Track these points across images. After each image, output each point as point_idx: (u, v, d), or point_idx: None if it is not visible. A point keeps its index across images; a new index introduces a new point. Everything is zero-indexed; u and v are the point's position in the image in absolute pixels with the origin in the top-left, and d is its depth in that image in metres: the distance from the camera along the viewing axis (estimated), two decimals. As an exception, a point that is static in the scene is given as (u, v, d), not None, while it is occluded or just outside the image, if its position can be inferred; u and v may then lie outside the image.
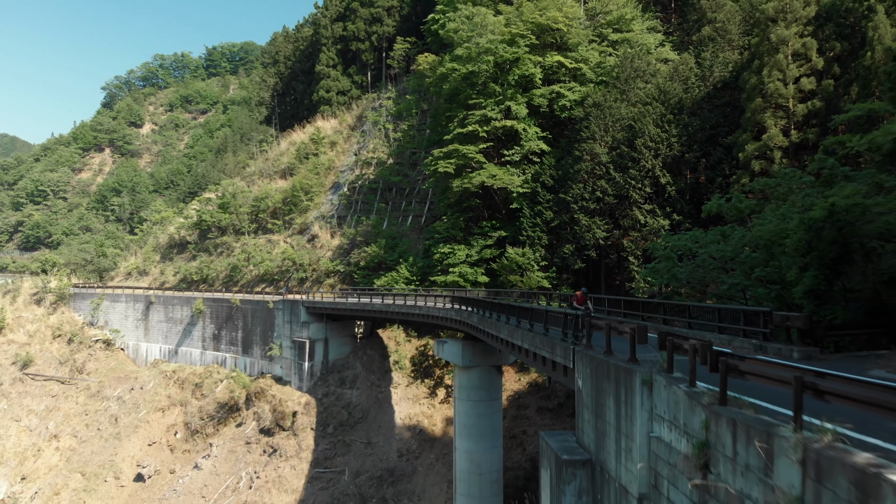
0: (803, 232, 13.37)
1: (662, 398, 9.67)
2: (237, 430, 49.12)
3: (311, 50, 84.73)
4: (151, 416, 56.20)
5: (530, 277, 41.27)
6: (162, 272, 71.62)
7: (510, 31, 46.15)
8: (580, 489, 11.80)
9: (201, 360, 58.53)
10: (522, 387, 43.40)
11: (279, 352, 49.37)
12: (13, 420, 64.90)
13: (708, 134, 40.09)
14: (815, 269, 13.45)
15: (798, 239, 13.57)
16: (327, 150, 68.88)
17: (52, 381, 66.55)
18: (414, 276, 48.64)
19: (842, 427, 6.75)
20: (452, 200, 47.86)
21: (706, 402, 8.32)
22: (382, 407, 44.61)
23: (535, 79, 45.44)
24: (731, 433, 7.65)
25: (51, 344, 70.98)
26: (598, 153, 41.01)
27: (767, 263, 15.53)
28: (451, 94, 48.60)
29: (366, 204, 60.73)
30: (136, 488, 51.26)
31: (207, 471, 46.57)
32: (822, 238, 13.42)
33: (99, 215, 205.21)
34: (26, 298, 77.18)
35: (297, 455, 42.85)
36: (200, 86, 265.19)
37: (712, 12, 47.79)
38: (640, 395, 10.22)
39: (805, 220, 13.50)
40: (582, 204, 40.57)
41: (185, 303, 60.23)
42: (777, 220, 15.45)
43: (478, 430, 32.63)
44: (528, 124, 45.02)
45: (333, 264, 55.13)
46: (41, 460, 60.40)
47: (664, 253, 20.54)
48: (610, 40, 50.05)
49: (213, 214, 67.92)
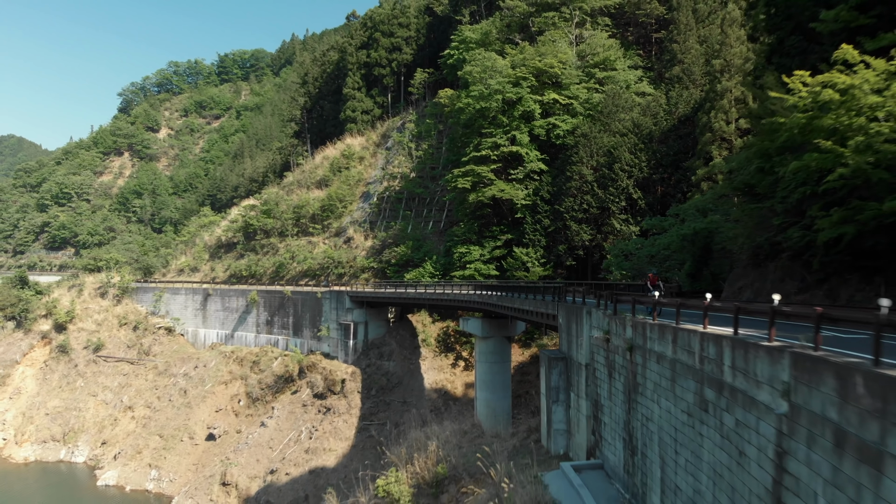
0: (684, 241, 24.38)
1: (593, 317, 20.75)
2: (293, 397, 60.37)
3: (337, 73, 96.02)
4: (216, 388, 67.39)
5: (532, 272, 52.55)
6: (212, 269, 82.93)
7: (515, 73, 57.42)
8: (559, 370, 22.90)
9: (255, 342, 69.76)
10: (526, 359, 54.70)
11: (327, 332, 60.57)
12: (90, 395, 76.08)
13: (672, 159, 51.28)
14: (690, 261, 24.50)
15: (682, 245, 24.61)
16: (356, 164, 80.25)
17: (122, 362, 77.80)
18: (437, 272, 59.92)
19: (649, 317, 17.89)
20: (468, 210, 59.05)
21: (608, 315, 19.49)
22: (414, 375, 55.89)
23: (535, 113, 56.70)
24: (616, 324, 18.76)
25: (118, 331, 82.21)
26: (584, 174, 52.24)
27: (670, 258, 26.43)
28: (467, 123, 59.84)
29: (393, 211, 72.06)
30: (209, 445, 62.46)
31: (272, 427, 57.80)
32: (695, 244, 24.50)
33: (121, 216, 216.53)
34: (91, 292, 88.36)
35: (348, 412, 54.12)
36: (213, 92, 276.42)
37: (682, 54, 59.02)
38: (585, 318, 21.30)
39: (686, 234, 24.54)
40: (572, 214, 51.79)
41: (240, 294, 71.46)
42: (675, 233, 26.44)
43: (493, 384, 43.86)
44: (529, 149, 56.26)
45: (368, 262, 66.47)
46: (118, 428, 71.60)
47: (614, 252, 31.69)
48: (597, 78, 61.25)
49: (258, 219, 79.26)
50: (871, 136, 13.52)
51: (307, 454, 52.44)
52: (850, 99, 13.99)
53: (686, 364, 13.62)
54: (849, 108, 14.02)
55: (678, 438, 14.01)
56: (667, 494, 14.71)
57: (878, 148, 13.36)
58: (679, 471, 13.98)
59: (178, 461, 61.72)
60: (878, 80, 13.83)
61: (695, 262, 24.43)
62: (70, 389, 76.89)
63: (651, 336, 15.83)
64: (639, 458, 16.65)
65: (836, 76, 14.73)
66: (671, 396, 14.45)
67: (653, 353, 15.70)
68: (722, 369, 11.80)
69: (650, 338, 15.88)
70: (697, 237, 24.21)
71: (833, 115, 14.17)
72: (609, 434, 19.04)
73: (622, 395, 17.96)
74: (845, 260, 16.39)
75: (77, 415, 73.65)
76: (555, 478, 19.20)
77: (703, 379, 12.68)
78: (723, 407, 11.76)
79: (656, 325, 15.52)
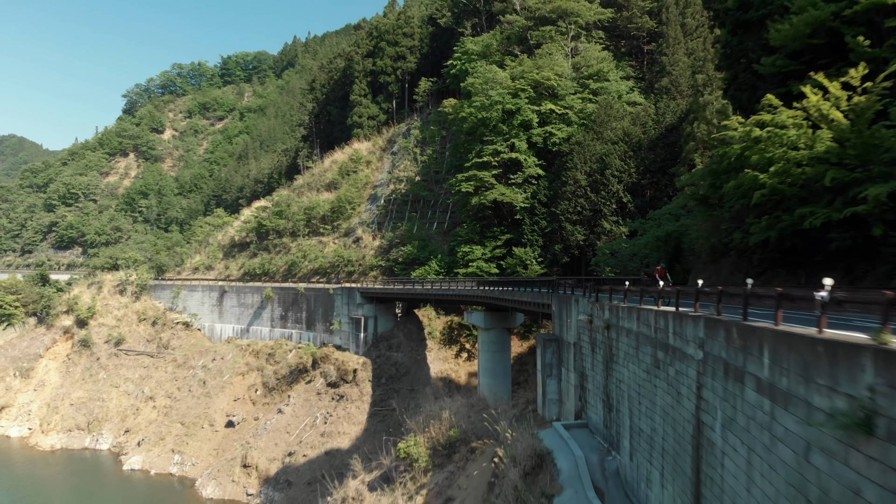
0: (659, 241, 28.79)
1: (580, 304, 25.17)
2: (308, 386, 64.74)
3: (344, 79, 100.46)
4: (233, 378, 71.75)
5: (530, 269, 56.95)
6: (226, 267, 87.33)
7: (514, 85, 61.84)
8: (553, 350, 27.29)
9: (270, 335, 74.13)
10: (524, 350, 59.15)
11: (339, 326, 64.94)
12: (112, 386, 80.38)
13: (659, 165, 55.69)
14: (664, 258, 28.91)
15: (657, 244, 29.03)
16: (364, 167, 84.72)
17: (142, 355, 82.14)
18: (442, 269, 64.35)
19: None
20: (471, 212, 63.44)
21: (591, 301, 23.90)
22: (420, 365, 60.30)
23: (532, 122, 61.12)
24: (597, 308, 23.12)
25: (137, 326, 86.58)
26: (579, 179, 56.65)
27: (648, 255, 30.80)
28: (469, 131, 64.22)
29: (399, 212, 76.46)
30: (229, 432, 66.82)
31: (289, 414, 62.19)
32: (668, 244, 28.91)
33: (128, 216, 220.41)
34: (110, 289, 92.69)
35: (360, 399, 58.53)
36: (217, 93, 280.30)
37: (670, 66, 63.48)
38: (573, 305, 25.72)
39: (660, 236, 28.94)
40: (567, 216, 56.20)
41: (255, 291, 75.82)
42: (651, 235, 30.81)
43: (494, 371, 48.28)
44: (527, 156, 60.67)
45: (376, 260, 70.89)
46: (140, 417, 75.92)
47: (602, 251, 36.16)
48: (591, 89, 65.66)
49: (271, 220, 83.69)
50: (786, 163, 18.04)
51: (322, 437, 56.82)
52: (773, 135, 18.50)
53: (646, 335, 18.03)
54: (773, 142, 18.54)
55: (640, 392, 18.43)
56: (633, 437, 19.12)
57: (791, 172, 17.87)
58: (642, 417, 18.39)
59: (200, 446, 66.04)
60: (792, 121, 18.34)
61: (668, 259, 28.83)
62: (93, 381, 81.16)
63: (622, 316, 20.25)
64: (614, 413, 21.07)
65: (764, 116, 19.28)
66: (636, 361, 18.86)
67: (623, 329, 20.11)
68: (668, 336, 16.21)
69: (622, 317, 20.30)
70: (670, 238, 28.61)
71: (758, 148, 18.67)
72: (592, 398, 23.48)
73: (602, 365, 22.39)
74: (776, 257, 20.86)
75: (100, 405, 77.94)
76: (548, 434, 23.67)
77: (657, 344, 17.10)
78: (668, 363, 16.19)
79: (626, 308, 19.94)
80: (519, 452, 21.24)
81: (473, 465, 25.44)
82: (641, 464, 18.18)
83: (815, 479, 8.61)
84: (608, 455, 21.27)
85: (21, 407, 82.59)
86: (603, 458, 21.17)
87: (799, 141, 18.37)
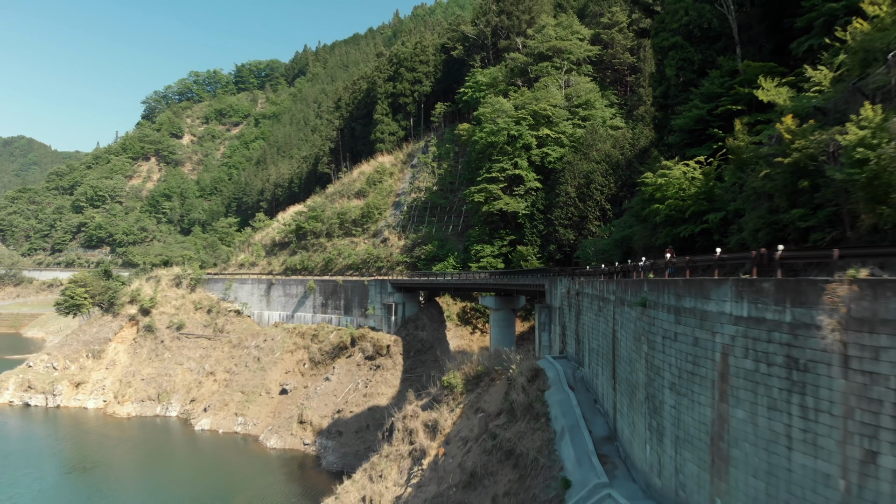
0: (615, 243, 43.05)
1: (563, 282, 39.31)
2: (348, 360, 79.06)
3: (367, 99, 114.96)
4: (283, 355, 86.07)
5: (531, 264, 71.25)
6: (269, 263, 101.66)
7: (517, 114, 76.19)
8: (546, 313, 41.43)
9: (312, 320, 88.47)
10: (525, 329, 73.55)
11: (373, 311, 79.26)
12: (177, 364, 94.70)
13: (633, 181, 69.92)
14: (620, 256, 43.19)
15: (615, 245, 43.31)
16: (388, 178, 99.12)
17: (201, 338, 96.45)
18: (458, 264, 78.71)
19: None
20: (481, 217, 77.77)
21: (570, 280, 38.13)
22: (441, 341, 74.62)
23: (532, 144, 75.48)
24: (573, 283, 37.31)
25: (194, 314, 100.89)
26: (569, 192, 70.89)
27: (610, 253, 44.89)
28: (481, 151, 78.55)
29: (420, 217, 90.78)
30: (283, 398, 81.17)
31: (334, 381, 76.52)
32: (621, 246, 43.17)
33: (152, 217, 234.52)
34: (167, 283, 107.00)
35: (393, 368, 72.87)
36: (232, 100, 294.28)
37: (645, 97, 77.81)
38: (559, 283, 39.84)
39: (616, 239, 43.22)
40: (560, 221, 70.46)
41: (299, 283, 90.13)
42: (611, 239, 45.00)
43: (502, 341, 62.47)
44: (528, 172, 74.99)
45: (402, 257, 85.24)
46: (203, 388, 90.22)
47: (582, 247, 50.59)
48: (580, 116, 79.97)
49: (308, 223, 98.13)
50: (674, 199, 32.39)
51: (364, 398, 71.19)
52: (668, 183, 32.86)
53: (595, 294, 32.34)
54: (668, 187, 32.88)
55: (593, 328, 32.71)
56: (591, 355, 33.41)
57: (677, 205, 32.26)
58: (592, 341, 32.68)
59: (259, 410, 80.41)
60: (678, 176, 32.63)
61: (622, 257, 43.10)
62: (159, 360, 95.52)
63: (585, 286, 34.58)
64: (581, 344, 35.40)
65: (665, 171, 33.70)
66: (592, 311, 33.14)
67: (586, 294, 34.42)
68: (604, 293, 30.50)
69: (584, 287, 34.64)
70: (623, 241, 42.82)
71: (661, 190, 33.00)
72: (569, 339, 37.85)
73: (574, 318, 36.77)
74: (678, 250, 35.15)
75: (167, 379, 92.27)
76: (541, 362, 38.11)
77: (600, 299, 31.40)
78: (604, 307, 30.49)
79: (587, 280, 34.30)
80: (524, 369, 35.64)
81: (494, 388, 39.84)
82: (594, 367, 32.55)
83: (621, 325, 22.98)
84: (577, 370, 35.74)
85: (95, 383, 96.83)
86: (574, 371, 35.61)
87: (681, 187, 32.90)
